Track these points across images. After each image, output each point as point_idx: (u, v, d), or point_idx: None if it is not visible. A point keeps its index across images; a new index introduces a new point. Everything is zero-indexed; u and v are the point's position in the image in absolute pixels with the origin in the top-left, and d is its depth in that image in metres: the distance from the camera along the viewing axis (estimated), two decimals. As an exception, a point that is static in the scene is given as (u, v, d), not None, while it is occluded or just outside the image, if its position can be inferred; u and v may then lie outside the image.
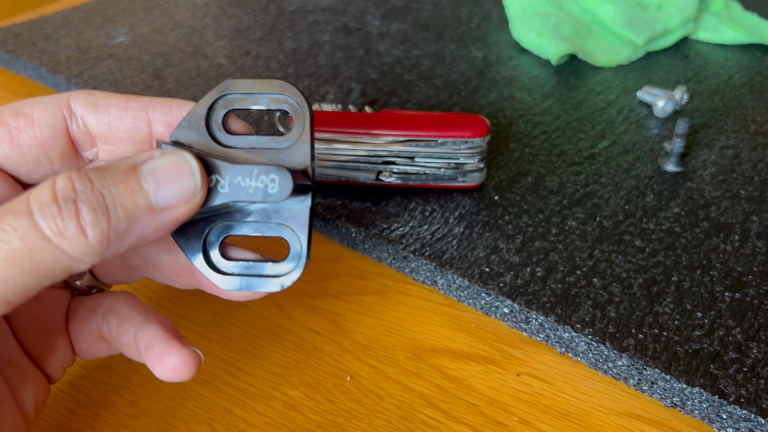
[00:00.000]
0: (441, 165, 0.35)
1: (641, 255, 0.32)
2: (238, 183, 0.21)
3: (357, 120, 0.34)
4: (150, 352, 0.22)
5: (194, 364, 0.22)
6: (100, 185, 0.18)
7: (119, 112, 0.23)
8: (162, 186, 0.19)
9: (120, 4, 0.62)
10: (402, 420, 0.26)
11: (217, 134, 0.23)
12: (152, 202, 0.19)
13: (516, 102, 0.45)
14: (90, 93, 0.24)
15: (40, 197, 0.18)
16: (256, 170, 0.21)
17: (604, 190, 0.36)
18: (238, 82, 0.23)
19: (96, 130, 0.24)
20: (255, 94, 0.23)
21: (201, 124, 0.22)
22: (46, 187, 0.18)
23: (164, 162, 0.20)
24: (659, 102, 0.43)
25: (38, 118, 0.23)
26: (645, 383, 0.26)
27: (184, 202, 0.20)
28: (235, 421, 0.26)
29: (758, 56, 0.52)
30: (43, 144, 0.23)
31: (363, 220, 0.34)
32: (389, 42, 0.54)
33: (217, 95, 0.23)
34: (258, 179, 0.21)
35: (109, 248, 0.19)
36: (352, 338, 0.30)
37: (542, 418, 0.26)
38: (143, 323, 0.23)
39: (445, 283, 0.31)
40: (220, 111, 0.23)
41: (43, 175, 0.24)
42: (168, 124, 0.24)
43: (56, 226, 0.17)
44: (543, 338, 0.29)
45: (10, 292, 0.18)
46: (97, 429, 0.26)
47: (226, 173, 0.21)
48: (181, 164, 0.20)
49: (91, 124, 0.24)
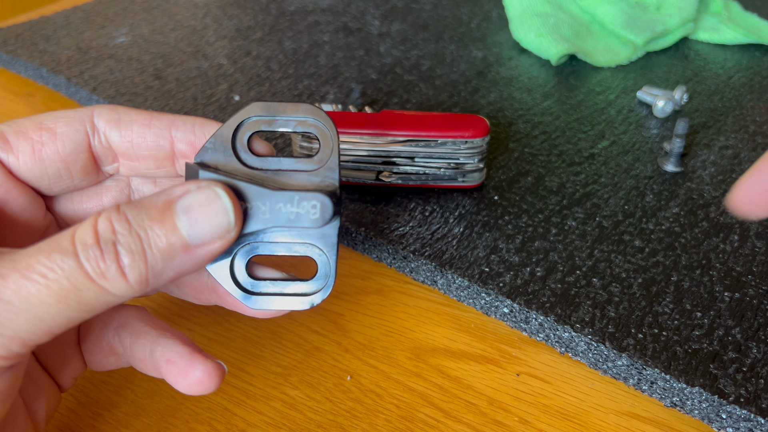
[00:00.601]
0: (441, 165, 0.35)
1: (641, 255, 0.32)
2: (279, 209, 0.21)
3: (357, 120, 0.34)
4: (172, 367, 0.22)
5: (219, 376, 0.22)
6: (137, 226, 0.19)
7: (142, 129, 0.24)
8: (196, 225, 0.20)
9: (120, 5, 0.62)
10: (402, 419, 0.26)
11: (242, 156, 0.23)
12: (187, 241, 0.19)
13: (516, 102, 0.45)
14: (113, 109, 0.24)
15: (84, 238, 0.18)
16: (297, 197, 0.21)
17: (604, 190, 0.36)
18: (265, 104, 0.23)
19: (118, 147, 0.24)
20: (281, 117, 0.23)
21: (227, 146, 0.22)
22: (89, 227, 0.19)
23: (198, 199, 0.20)
24: (659, 102, 0.43)
25: (61, 132, 0.23)
26: (644, 383, 0.26)
27: (219, 238, 0.20)
28: (236, 421, 0.26)
29: (758, 56, 0.52)
30: (65, 159, 0.23)
31: (363, 220, 0.34)
32: (389, 42, 0.54)
33: (243, 117, 0.23)
34: (299, 205, 0.22)
35: (149, 286, 0.19)
36: (353, 338, 0.30)
37: (542, 417, 0.26)
38: (159, 338, 0.23)
39: (445, 283, 0.31)
40: (245, 132, 0.23)
41: (64, 188, 0.24)
42: (190, 143, 0.24)
43: (99, 268, 0.18)
44: (543, 338, 0.29)
45: (55, 325, 0.18)
46: (98, 429, 0.26)
47: (267, 200, 0.21)
48: (215, 203, 0.20)
49: (114, 141, 0.24)
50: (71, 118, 0.23)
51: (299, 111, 0.23)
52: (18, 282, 0.18)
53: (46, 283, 0.18)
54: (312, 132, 0.23)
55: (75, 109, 0.24)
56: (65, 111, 0.24)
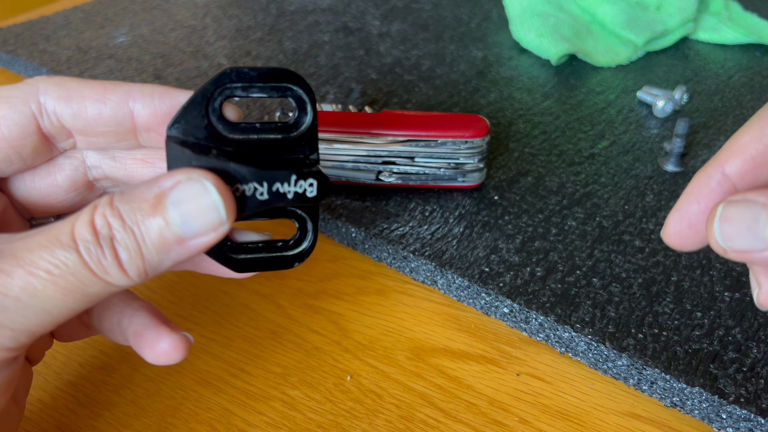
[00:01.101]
0: (441, 165, 0.35)
1: (641, 255, 0.32)
2: (277, 189, 0.21)
3: (357, 120, 0.34)
4: (139, 339, 0.22)
5: (185, 347, 0.22)
6: (131, 222, 0.19)
7: (97, 105, 0.22)
8: (188, 219, 0.20)
9: (120, 5, 0.62)
10: (402, 419, 0.26)
11: (216, 124, 0.22)
12: (180, 235, 0.20)
13: (516, 102, 0.45)
14: (60, 83, 0.22)
15: (83, 234, 0.19)
16: (295, 176, 0.21)
17: (604, 190, 0.36)
18: (240, 70, 0.22)
19: (73, 125, 0.23)
20: (256, 84, 0.22)
21: (201, 114, 0.21)
22: (86, 223, 0.19)
23: (188, 193, 0.20)
24: (659, 102, 0.43)
25: (3, 116, 0.22)
26: (645, 383, 0.26)
27: (212, 230, 0.20)
28: (236, 421, 0.26)
29: (758, 56, 0.52)
30: (12, 143, 0.22)
31: (363, 220, 0.34)
32: (389, 42, 0.54)
33: (217, 84, 0.21)
34: (297, 184, 0.21)
35: (147, 276, 0.20)
36: (352, 338, 0.30)
37: (542, 417, 0.26)
38: (126, 309, 0.23)
39: (445, 282, 0.31)
40: (218, 100, 0.22)
41: (16, 170, 0.23)
42: (152, 114, 0.23)
43: (101, 264, 0.19)
44: (543, 338, 0.29)
45: (61, 316, 0.19)
46: (98, 429, 0.26)
47: (263, 180, 0.21)
48: (204, 198, 0.20)
49: (67, 120, 0.22)
50: (13, 98, 0.22)
51: (275, 76, 0.22)
52: (24, 278, 0.18)
53: (53, 279, 0.18)
54: (288, 96, 0.22)
55: (16, 85, 0.22)
56: (6, 89, 0.22)
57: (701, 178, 0.21)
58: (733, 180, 0.20)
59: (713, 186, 0.20)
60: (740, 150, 0.20)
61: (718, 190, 0.20)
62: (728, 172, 0.20)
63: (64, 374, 0.28)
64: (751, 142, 0.20)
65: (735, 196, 0.19)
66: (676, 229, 0.21)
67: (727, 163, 0.20)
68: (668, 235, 0.21)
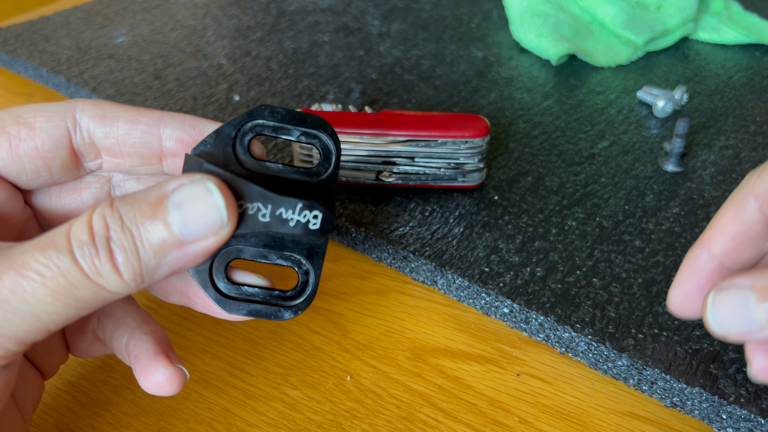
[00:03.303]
0: (441, 165, 0.35)
1: (641, 255, 0.32)
2: (280, 214, 0.21)
3: (357, 120, 0.34)
4: (137, 364, 0.22)
5: (179, 381, 0.22)
6: (129, 223, 0.19)
7: (128, 126, 0.23)
8: (188, 221, 0.19)
9: (120, 4, 0.62)
10: (402, 420, 0.26)
11: (241, 156, 0.22)
12: (179, 237, 0.19)
13: (516, 102, 0.45)
14: (97, 104, 0.23)
15: (79, 235, 0.18)
16: (300, 204, 0.21)
17: (604, 190, 0.36)
18: (274, 110, 0.22)
19: (102, 143, 0.23)
20: (286, 126, 0.22)
21: (228, 145, 0.22)
22: (84, 224, 0.18)
23: (190, 194, 0.19)
24: (659, 102, 0.43)
25: (40, 128, 0.22)
26: (645, 383, 0.26)
27: (212, 234, 0.20)
28: (236, 421, 0.26)
29: (758, 56, 0.52)
30: (43, 155, 0.22)
31: (363, 220, 0.34)
32: (389, 42, 0.54)
33: (249, 118, 0.22)
34: (301, 214, 0.21)
35: (144, 282, 0.19)
36: (352, 338, 0.30)
37: (542, 417, 0.26)
38: (135, 331, 0.23)
39: (445, 283, 0.31)
40: (248, 134, 0.22)
41: (42, 183, 0.23)
42: (180, 140, 0.23)
43: (94, 265, 0.18)
44: (543, 338, 0.29)
45: (52, 323, 0.18)
46: (98, 429, 0.26)
47: (268, 202, 0.21)
48: (206, 199, 0.19)
49: (98, 137, 0.23)
50: (52, 113, 0.22)
51: (306, 123, 0.22)
52: (14, 280, 0.18)
53: (43, 281, 0.18)
54: (315, 144, 0.23)
55: (57, 102, 0.23)
56: (46, 105, 0.23)
57: (690, 258, 0.23)
58: (719, 258, 0.22)
59: (701, 265, 0.23)
60: (720, 231, 0.22)
61: (707, 267, 0.23)
62: (714, 252, 0.22)
63: (65, 374, 0.28)
64: (729, 224, 0.22)
65: (723, 282, 0.21)
66: (677, 303, 0.24)
67: (711, 243, 0.22)
68: (672, 308, 0.24)
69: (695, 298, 0.23)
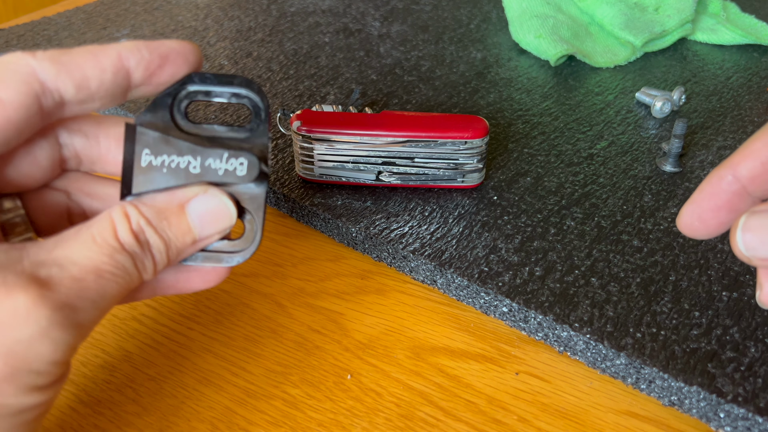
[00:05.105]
0: (440, 165, 0.35)
1: (639, 255, 0.32)
2: (209, 165, 0.23)
3: (357, 121, 0.35)
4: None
5: None
6: (161, 230, 0.22)
7: (97, 73, 0.22)
8: (206, 226, 0.23)
9: (122, 6, 0.62)
10: (402, 418, 0.26)
11: (179, 121, 0.24)
12: (197, 238, 0.23)
13: (515, 103, 0.45)
14: (54, 59, 0.22)
15: (126, 239, 0.21)
16: (226, 154, 0.23)
17: (603, 191, 0.37)
18: (202, 75, 0.24)
19: (75, 97, 0.22)
20: (217, 88, 0.24)
21: (165, 112, 0.24)
22: (127, 229, 0.21)
23: (209, 206, 0.23)
24: (657, 103, 0.43)
25: (10, 100, 0.21)
26: (643, 382, 0.27)
27: (219, 233, 0.24)
28: (237, 420, 0.26)
29: (756, 57, 0.52)
30: (17, 125, 0.21)
31: (363, 220, 0.34)
32: (389, 43, 0.54)
33: (180, 86, 0.24)
34: (228, 162, 0.23)
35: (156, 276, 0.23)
36: (353, 337, 0.30)
37: (541, 416, 0.26)
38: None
39: (444, 282, 0.32)
40: (183, 101, 0.24)
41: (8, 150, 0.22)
42: (146, 68, 0.23)
43: (144, 265, 0.22)
44: (541, 337, 0.29)
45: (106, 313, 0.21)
46: (100, 427, 0.26)
47: (197, 155, 0.23)
48: (223, 210, 0.23)
49: (69, 94, 0.22)
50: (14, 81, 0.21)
51: (234, 84, 0.24)
52: (97, 282, 0.20)
53: (115, 279, 0.21)
54: (245, 104, 0.24)
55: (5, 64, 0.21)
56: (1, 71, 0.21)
57: (713, 178, 0.22)
58: (743, 182, 0.22)
59: (724, 186, 0.22)
60: (752, 155, 0.21)
61: (728, 190, 0.22)
62: (739, 175, 0.21)
63: (67, 373, 0.28)
64: (763, 148, 0.21)
65: (758, 206, 0.20)
66: (687, 221, 0.23)
67: (739, 166, 0.21)
68: (681, 225, 0.23)
69: (709, 218, 0.22)
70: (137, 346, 0.30)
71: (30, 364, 0.19)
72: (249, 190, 0.24)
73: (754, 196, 0.22)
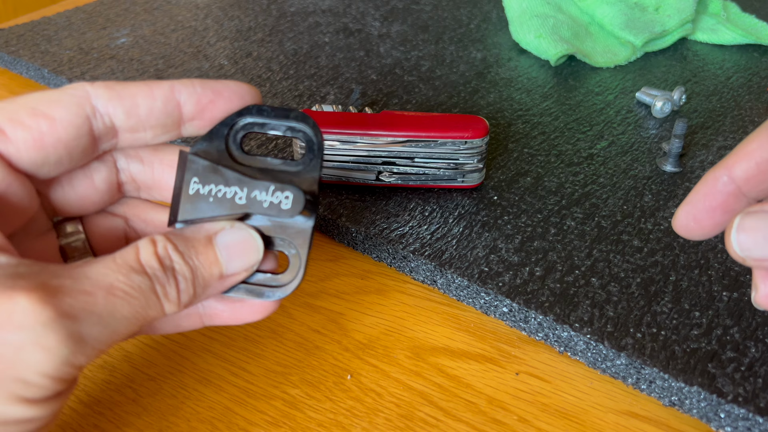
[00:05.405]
0: (441, 165, 0.35)
1: (639, 255, 0.32)
2: (255, 197, 0.23)
3: (357, 121, 0.35)
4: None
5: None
6: (188, 257, 0.22)
7: (147, 101, 0.23)
8: (233, 259, 0.23)
9: (122, 6, 0.62)
10: (402, 418, 0.26)
11: (234, 152, 0.24)
12: (224, 272, 0.23)
13: (515, 103, 0.45)
14: (108, 86, 0.23)
15: (150, 262, 0.21)
16: (273, 187, 0.23)
17: (603, 191, 0.37)
18: (260, 108, 0.24)
19: (124, 124, 0.23)
20: (273, 121, 0.24)
21: (221, 142, 0.24)
22: (151, 253, 0.21)
23: (236, 238, 0.23)
24: (657, 103, 0.43)
25: (60, 119, 0.22)
26: (643, 382, 0.27)
27: (245, 270, 0.23)
28: (237, 420, 0.26)
29: (756, 57, 0.52)
30: (67, 145, 0.22)
31: (363, 220, 0.34)
32: (389, 43, 0.54)
33: (237, 118, 0.24)
34: (273, 195, 0.23)
35: (180, 310, 0.22)
36: (353, 337, 0.30)
37: (541, 416, 0.26)
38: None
39: (444, 282, 0.32)
40: (239, 132, 0.24)
41: (61, 171, 0.23)
42: (197, 102, 0.24)
43: (165, 289, 0.21)
44: (542, 337, 0.29)
45: (120, 338, 0.20)
46: (100, 428, 0.26)
47: (244, 186, 0.23)
48: (249, 242, 0.23)
49: (119, 119, 0.23)
50: (67, 102, 0.22)
51: (290, 117, 0.24)
52: (106, 298, 0.20)
53: (128, 300, 0.20)
54: (299, 138, 0.24)
55: (64, 89, 0.23)
56: (57, 93, 0.22)
57: (709, 179, 0.22)
58: (738, 183, 0.21)
59: (719, 188, 0.22)
60: (747, 155, 0.21)
61: (724, 191, 0.22)
62: (734, 176, 0.21)
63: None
64: (758, 149, 0.21)
65: (753, 207, 0.20)
66: (683, 222, 0.23)
67: (734, 167, 0.21)
68: (676, 225, 0.23)
69: (704, 219, 0.22)
70: (137, 346, 0.30)
71: (18, 371, 0.18)
72: (296, 225, 0.24)
73: (749, 196, 0.22)
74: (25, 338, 0.18)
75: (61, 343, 0.18)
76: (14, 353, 0.18)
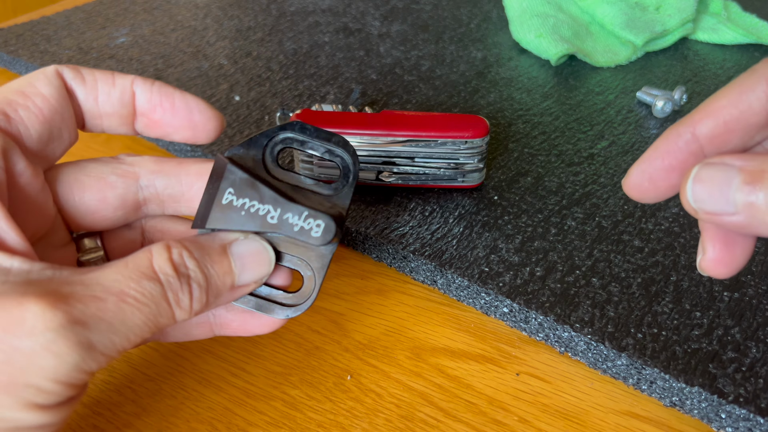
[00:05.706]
0: (441, 165, 0.35)
1: (640, 255, 0.32)
2: (287, 219, 0.23)
3: (357, 120, 0.35)
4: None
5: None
6: (204, 265, 0.22)
7: (107, 87, 0.24)
8: (245, 270, 0.23)
9: (121, 5, 0.62)
10: (402, 419, 0.26)
11: (269, 163, 0.24)
12: (236, 282, 0.23)
13: (515, 102, 0.45)
14: (75, 68, 0.24)
15: (164, 268, 0.21)
16: (306, 213, 0.23)
17: (603, 190, 0.36)
18: (304, 126, 0.24)
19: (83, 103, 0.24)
20: (313, 141, 0.24)
21: (258, 151, 0.24)
22: (166, 260, 0.21)
23: (250, 249, 0.23)
24: (658, 102, 0.43)
25: (49, 94, 0.23)
26: (644, 382, 0.27)
27: (255, 282, 0.24)
28: (236, 420, 0.26)
29: (757, 57, 0.52)
30: (62, 116, 0.23)
31: (363, 220, 0.34)
32: (389, 43, 0.54)
33: (280, 131, 0.24)
34: (305, 221, 0.23)
35: (192, 317, 0.22)
36: (353, 337, 0.30)
37: (541, 417, 0.26)
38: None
39: (444, 282, 0.31)
40: (278, 145, 0.24)
41: (64, 150, 0.24)
42: (149, 100, 0.24)
43: (177, 297, 0.21)
44: (542, 338, 0.29)
45: (131, 345, 0.20)
46: (100, 428, 0.26)
47: (278, 206, 0.23)
48: (262, 254, 0.23)
49: (80, 97, 0.24)
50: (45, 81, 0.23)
51: (331, 141, 0.24)
52: (117, 305, 0.19)
53: (139, 307, 0.20)
54: (337, 162, 0.24)
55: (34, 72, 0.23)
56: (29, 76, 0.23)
57: (670, 135, 0.21)
58: (702, 142, 0.20)
59: (681, 145, 0.20)
60: (714, 113, 0.20)
61: (685, 149, 0.20)
62: (698, 134, 0.20)
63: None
64: (726, 107, 0.20)
65: (712, 158, 0.19)
66: (636, 181, 0.21)
67: (699, 124, 0.20)
68: (628, 185, 0.21)
69: (660, 179, 0.21)
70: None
71: (29, 378, 0.18)
72: (318, 249, 0.24)
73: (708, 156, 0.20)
74: (36, 344, 0.18)
75: (71, 349, 0.18)
76: (26, 360, 0.18)
